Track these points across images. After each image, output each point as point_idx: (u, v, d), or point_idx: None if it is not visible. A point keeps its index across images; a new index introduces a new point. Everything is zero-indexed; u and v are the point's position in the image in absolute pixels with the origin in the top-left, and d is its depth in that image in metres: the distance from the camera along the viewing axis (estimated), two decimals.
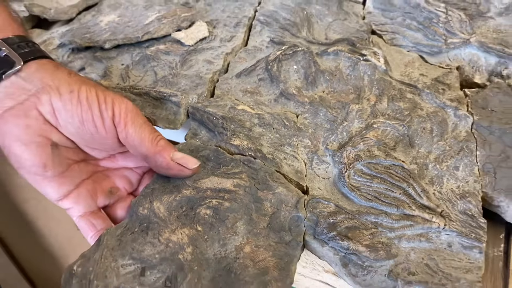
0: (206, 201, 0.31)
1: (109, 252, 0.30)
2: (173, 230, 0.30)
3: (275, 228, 0.30)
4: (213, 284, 0.28)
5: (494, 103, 0.37)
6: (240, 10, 0.47)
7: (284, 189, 0.31)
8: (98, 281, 0.28)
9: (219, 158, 0.33)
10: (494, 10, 0.45)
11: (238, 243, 0.29)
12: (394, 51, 0.43)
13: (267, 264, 0.28)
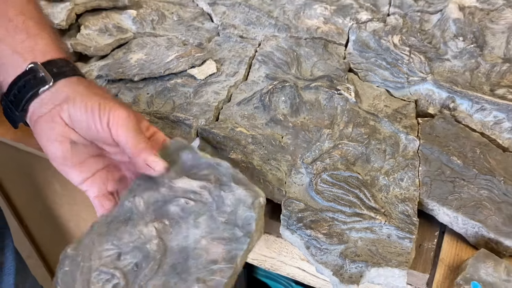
0: (176, 199, 0.37)
1: (97, 238, 0.37)
2: (146, 222, 0.37)
3: (230, 224, 0.36)
4: (173, 269, 0.35)
5: (439, 130, 0.46)
6: (243, 50, 0.58)
7: (244, 191, 0.36)
8: (84, 262, 0.36)
9: (194, 159, 0.38)
10: (451, 53, 0.55)
11: (198, 236, 0.36)
12: (366, 86, 0.53)
13: (217, 256, 0.35)
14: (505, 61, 0.54)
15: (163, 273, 0.35)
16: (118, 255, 0.36)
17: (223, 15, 0.64)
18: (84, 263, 0.36)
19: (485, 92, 0.50)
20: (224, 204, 0.36)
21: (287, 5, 0.66)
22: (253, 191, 0.36)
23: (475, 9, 0.62)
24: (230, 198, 0.36)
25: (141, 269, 0.35)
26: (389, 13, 0.65)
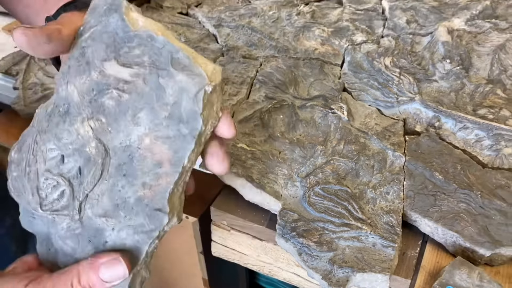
0: (109, 90, 0.32)
1: (39, 136, 0.33)
2: (82, 120, 0.32)
3: (174, 119, 0.31)
4: (118, 170, 0.32)
5: (424, 147, 0.50)
6: (245, 71, 0.63)
7: (185, 76, 0.30)
8: (30, 166, 0.33)
9: (124, 30, 0.31)
10: (438, 74, 0.59)
11: (141, 133, 0.31)
12: (359, 104, 0.58)
13: (162, 157, 0.31)
14: (489, 82, 0.58)
15: (109, 176, 0.32)
16: (61, 157, 0.32)
17: (227, 37, 0.69)
18: (30, 167, 0.33)
19: (468, 112, 0.54)
20: (165, 94, 0.31)
21: (287, 27, 0.71)
22: (197, 75, 0.30)
23: (463, 32, 0.66)
24: (171, 86, 0.31)
25: (84, 176, 0.32)
26: (383, 35, 0.69)
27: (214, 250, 0.54)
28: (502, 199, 0.45)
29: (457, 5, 0.73)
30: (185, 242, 0.60)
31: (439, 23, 0.68)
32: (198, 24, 0.74)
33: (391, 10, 0.73)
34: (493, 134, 0.51)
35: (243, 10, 0.75)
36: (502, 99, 0.55)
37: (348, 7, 0.76)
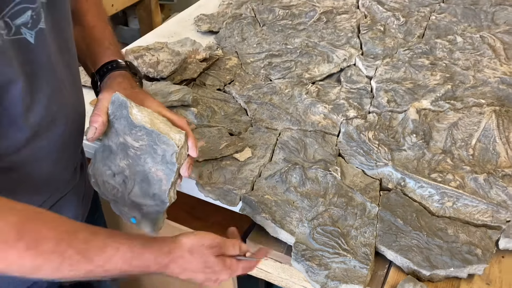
0: (129, 149, 0.61)
1: (100, 163, 0.64)
2: (119, 159, 0.63)
3: (164, 162, 0.60)
4: (142, 181, 0.62)
5: (392, 201, 0.74)
6: (268, 138, 0.87)
7: (165, 146, 0.59)
8: (98, 177, 0.64)
9: (130, 120, 0.59)
10: (407, 145, 0.83)
11: (149, 166, 0.61)
12: (349, 166, 0.81)
13: (161, 177, 0.61)
14: (442, 152, 0.82)
15: (137, 184, 0.62)
16: (113, 174, 0.63)
17: (254, 111, 0.94)
18: (98, 178, 0.64)
19: (425, 175, 0.77)
20: (157, 152, 0.60)
21: (298, 104, 0.95)
22: (171, 145, 0.59)
23: (428, 111, 0.90)
24: (160, 149, 0.60)
25: (126, 184, 0.62)
26: (369, 111, 0.93)
27: None
28: (440, 238, 0.68)
29: (427, 87, 0.97)
30: None
31: (411, 103, 0.92)
32: (232, 99, 0.98)
33: (377, 90, 0.98)
34: (440, 192, 0.74)
35: (266, 89, 0.99)
36: (449, 165, 0.79)
37: (345, 85, 1.01)
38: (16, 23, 0.49)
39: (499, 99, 0.93)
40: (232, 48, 1.17)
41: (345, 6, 1.30)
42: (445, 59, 1.06)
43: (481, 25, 1.20)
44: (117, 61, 0.69)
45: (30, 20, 0.50)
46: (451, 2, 1.30)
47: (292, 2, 1.33)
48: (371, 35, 1.15)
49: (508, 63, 1.03)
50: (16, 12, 0.49)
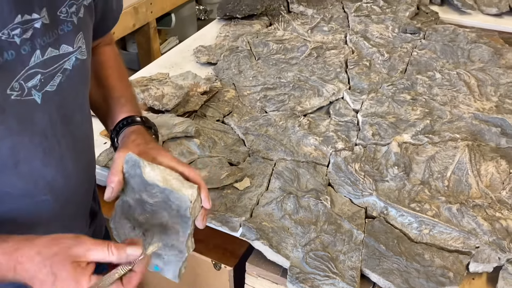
0: (145, 204, 0.64)
1: (120, 217, 0.66)
2: (139, 214, 0.66)
3: (179, 216, 0.63)
4: (161, 233, 0.64)
5: (376, 228, 0.83)
6: (265, 168, 0.95)
7: (178, 201, 0.62)
8: (119, 230, 0.67)
9: (144, 179, 0.62)
10: (389, 177, 0.93)
11: (165, 219, 0.64)
12: (338, 195, 0.90)
13: (178, 229, 0.64)
14: (421, 184, 0.91)
15: (156, 235, 0.64)
16: (133, 228, 0.66)
17: (252, 142, 1.03)
18: (119, 231, 0.67)
19: (405, 205, 0.86)
20: (171, 207, 0.63)
21: (292, 136, 1.04)
22: (184, 201, 0.62)
23: (409, 145, 1.00)
24: (174, 204, 0.63)
25: (146, 236, 0.65)
26: (356, 143, 1.03)
27: None
28: (418, 262, 0.77)
29: (408, 122, 1.07)
30: (222, 285, 0.91)
31: (394, 137, 1.02)
32: (231, 130, 1.07)
33: (363, 124, 1.08)
34: (419, 220, 0.83)
35: (262, 120, 1.08)
36: (427, 196, 0.88)
37: (333, 118, 1.11)
38: (28, 86, 0.54)
39: (472, 134, 1.04)
40: (229, 80, 1.26)
41: (334, 41, 1.41)
42: (425, 95, 1.16)
43: (458, 62, 1.31)
44: (132, 116, 0.72)
45: (38, 83, 0.55)
46: (431, 39, 1.41)
47: (284, 36, 1.43)
48: (357, 71, 1.25)
49: (481, 100, 1.14)
50: (29, 75, 0.54)
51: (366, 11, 1.54)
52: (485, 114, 1.08)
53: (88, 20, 0.63)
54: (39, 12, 0.52)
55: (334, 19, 1.52)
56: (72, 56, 0.58)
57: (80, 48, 0.59)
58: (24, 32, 0.51)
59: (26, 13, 0.50)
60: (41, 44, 0.53)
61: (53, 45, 0.55)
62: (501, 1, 1.66)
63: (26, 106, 0.54)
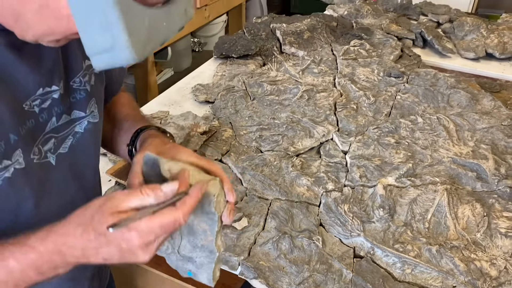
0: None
1: None
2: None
3: (203, 212, 0.58)
4: (188, 238, 0.61)
5: (363, 267, 0.90)
6: (261, 208, 1.03)
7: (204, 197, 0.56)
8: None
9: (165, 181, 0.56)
10: (375, 218, 1.01)
11: (190, 220, 0.60)
12: (329, 235, 0.98)
13: (205, 228, 0.60)
14: (404, 225, 1.00)
15: (185, 237, 0.62)
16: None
17: (249, 182, 1.10)
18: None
19: (390, 245, 0.94)
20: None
21: (286, 175, 1.12)
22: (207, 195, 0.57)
23: (393, 187, 1.09)
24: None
25: (174, 239, 0.63)
26: (345, 184, 1.11)
27: None
28: None
29: (392, 165, 1.16)
30: None
31: (379, 179, 1.11)
32: (228, 169, 1.15)
33: (351, 166, 1.16)
34: (402, 260, 0.92)
35: (258, 160, 1.16)
36: (409, 237, 0.97)
37: (324, 159, 1.19)
38: (44, 149, 0.58)
39: (450, 178, 1.13)
40: (226, 119, 1.34)
41: (324, 83, 1.50)
42: (407, 138, 1.26)
43: (438, 106, 1.42)
44: (145, 125, 0.73)
45: (53, 146, 0.59)
46: (414, 83, 1.52)
47: (277, 77, 1.52)
48: (345, 113, 1.35)
49: (459, 144, 1.24)
50: (45, 140, 0.58)
51: (353, 54, 1.64)
52: (462, 158, 1.18)
53: (99, 85, 0.69)
54: (58, 84, 0.58)
55: (323, 61, 1.62)
56: (85, 120, 0.64)
57: (93, 112, 0.65)
58: (42, 102, 0.56)
59: (47, 86, 0.56)
60: (57, 111, 0.59)
61: (66, 111, 0.61)
62: (478, 46, 1.79)
63: (44, 168, 0.58)
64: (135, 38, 0.39)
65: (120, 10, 0.37)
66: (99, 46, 0.39)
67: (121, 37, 0.38)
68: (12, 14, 0.43)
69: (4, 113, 0.50)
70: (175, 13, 0.45)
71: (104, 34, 0.38)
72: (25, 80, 0.53)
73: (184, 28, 0.49)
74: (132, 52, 0.39)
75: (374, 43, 1.75)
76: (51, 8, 0.41)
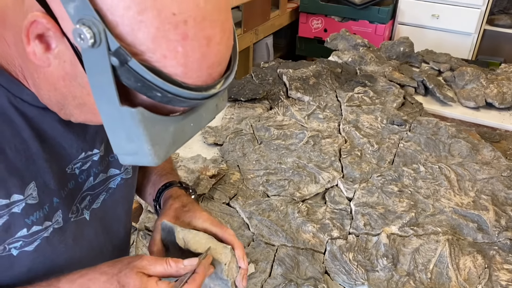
0: None
1: None
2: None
3: (217, 277, 0.62)
4: None
5: None
6: (268, 254, 1.05)
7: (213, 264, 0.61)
8: None
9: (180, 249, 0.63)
10: (379, 267, 1.03)
11: (206, 283, 0.63)
12: (334, 283, 1.00)
13: None
14: (407, 275, 1.02)
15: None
16: None
17: (256, 227, 1.13)
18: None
19: None
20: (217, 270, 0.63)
21: (292, 221, 1.15)
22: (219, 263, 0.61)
23: (396, 236, 1.12)
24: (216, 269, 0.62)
25: None
26: (350, 232, 1.14)
27: None
28: None
29: (395, 213, 1.19)
30: None
31: (383, 227, 1.13)
32: (236, 213, 1.18)
33: (355, 213, 1.19)
34: None
35: (264, 205, 1.20)
36: (412, 287, 0.99)
37: (329, 205, 1.22)
38: (81, 206, 0.61)
39: (452, 228, 1.16)
40: (234, 162, 1.38)
41: (329, 129, 1.55)
42: (410, 187, 1.30)
43: (440, 155, 1.46)
44: (171, 181, 0.75)
45: (88, 202, 0.62)
46: (416, 131, 1.57)
47: (284, 121, 1.57)
48: (350, 160, 1.39)
49: (460, 194, 1.28)
50: (82, 198, 0.61)
51: (357, 101, 1.70)
52: (463, 209, 1.21)
53: None
54: (99, 147, 0.61)
55: (328, 107, 1.68)
56: (118, 176, 0.67)
57: (127, 170, 0.68)
58: (83, 164, 0.60)
59: (89, 150, 0.60)
60: (95, 172, 0.62)
61: (104, 171, 0.64)
62: (478, 96, 1.85)
63: (80, 224, 0.61)
64: (158, 146, 0.43)
65: (144, 127, 0.41)
66: (125, 150, 0.43)
67: (144, 147, 0.42)
68: (57, 105, 0.48)
69: (51, 180, 0.54)
70: (204, 111, 0.47)
71: (129, 143, 0.42)
72: (70, 147, 0.57)
73: None
74: (155, 158, 0.43)
75: (377, 90, 1.81)
76: (88, 106, 0.45)
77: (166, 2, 0.37)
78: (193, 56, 0.40)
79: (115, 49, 0.37)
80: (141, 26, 0.37)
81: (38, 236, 0.54)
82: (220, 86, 0.44)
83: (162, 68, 0.39)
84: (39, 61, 0.42)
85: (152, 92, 0.39)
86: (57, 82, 0.44)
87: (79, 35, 0.37)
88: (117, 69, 0.38)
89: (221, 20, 0.41)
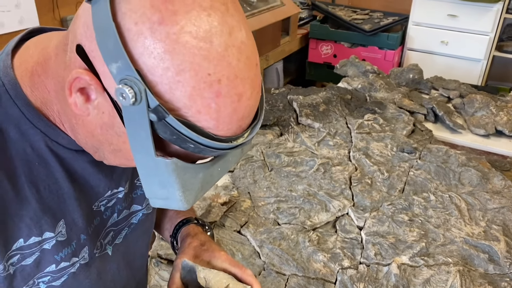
0: None
1: None
2: None
3: None
4: None
5: None
6: (279, 284, 1.06)
7: None
8: None
9: None
10: None
11: None
12: None
13: None
14: None
15: None
16: None
17: (267, 256, 1.14)
18: None
19: None
20: None
21: (302, 250, 1.16)
22: None
23: (407, 266, 1.12)
24: None
25: None
26: (360, 262, 1.14)
27: None
28: None
29: (406, 243, 1.19)
30: None
31: (393, 257, 1.14)
32: (247, 241, 1.19)
33: (366, 242, 1.20)
34: None
35: (275, 233, 1.21)
36: None
37: (340, 234, 1.23)
38: (104, 242, 0.62)
39: (463, 258, 1.16)
40: (245, 188, 1.40)
41: (339, 156, 1.57)
42: (420, 216, 1.30)
43: (450, 184, 1.46)
44: (187, 217, 0.77)
45: (111, 238, 0.63)
46: (426, 159, 1.57)
47: (294, 148, 1.59)
48: (360, 188, 1.40)
49: (470, 224, 1.28)
50: (106, 233, 0.62)
51: (367, 129, 1.72)
52: (474, 239, 1.21)
53: None
54: (124, 185, 0.64)
55: (338, 134, 1.70)
56: (140, 212, 0.69)
57: (148, 205, 0.70)
58: (109, 202, 0.62)
59: (115, 188, 0.62)
60: (119, 208, 0.64)
61: (127, 207, 0.66)
62: (488, 123, 1.86)
63: (103, 260, 0.62)
64: (189, 192, 0.45)
65: (177, 175, 0.43)
66: (157, 195, 0.45)
67: (176, 194, 0.44)
68: (92, 149, 0.51)
69: (79, 218, 0.56)
70: (231, 156, 0.49)
71: (161, 189, 0.44)
72: (98, 186, 0.59)
73: None
74: (185, 203, 0.45)
75: (387, 117, 1.83)
76: (123, 152, 0.48)
77: (203, 64, 0.40)
78: (225, 111, 0.42)
79: (154, 106, 0.39)
80: (179, 86, 0.40)
81: (66, 272, 0.56)
82: (248, 135, 0.46)
83: (196, 122, 0.42)
84: (79, 111, 0.45)
85: (186, 144, 0.42)
86: (95, 129, 0.47)
87: (121, 94, 0.39)
88: (155, 123, 0.41)
89: (251, 77, 0.43)
